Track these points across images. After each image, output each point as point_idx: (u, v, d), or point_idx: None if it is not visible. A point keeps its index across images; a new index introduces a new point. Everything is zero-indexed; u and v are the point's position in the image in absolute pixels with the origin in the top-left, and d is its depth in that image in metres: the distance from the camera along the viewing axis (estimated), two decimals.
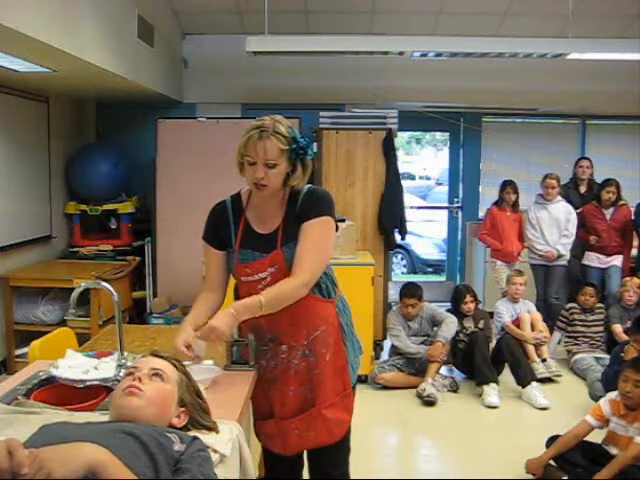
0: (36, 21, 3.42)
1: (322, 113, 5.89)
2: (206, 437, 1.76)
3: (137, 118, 6.62)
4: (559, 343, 5.57)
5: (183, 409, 1.80)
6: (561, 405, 4.60)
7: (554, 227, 5.84)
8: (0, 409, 1.98)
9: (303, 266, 2.22)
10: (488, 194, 7.06)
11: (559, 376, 5.09)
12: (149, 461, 1.48)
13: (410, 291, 5.05)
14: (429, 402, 4.59)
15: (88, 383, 2.18)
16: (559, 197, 5.91)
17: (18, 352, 5.11)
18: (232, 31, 6.35)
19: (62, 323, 4.97)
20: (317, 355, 2.35)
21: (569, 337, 5.45)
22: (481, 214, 6.99)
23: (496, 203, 6.11)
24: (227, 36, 6.44)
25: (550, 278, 5.94)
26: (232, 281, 2.48)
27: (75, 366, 2.36)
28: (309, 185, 2.36)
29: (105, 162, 6.10)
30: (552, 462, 3.45)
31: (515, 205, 6.03)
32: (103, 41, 4.47)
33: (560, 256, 5.82)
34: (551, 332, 5.48)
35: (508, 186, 6.01)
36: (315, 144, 5.62)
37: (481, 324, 5.20)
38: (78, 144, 6.42)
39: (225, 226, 2.37)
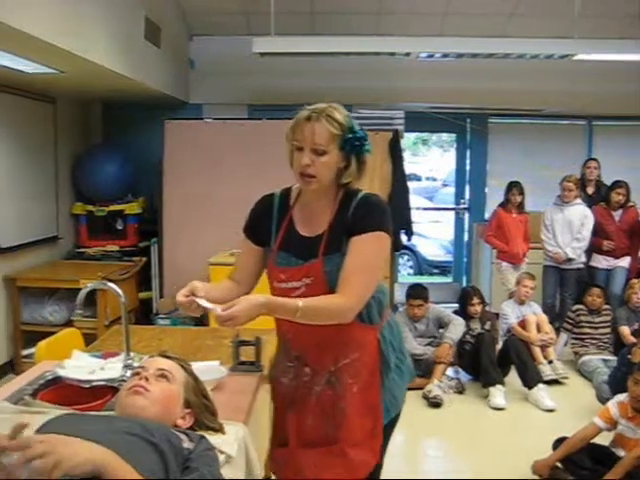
0: (43, 22, 3.43)
1: None
2: (212, 438, 1.76)
3: (143, 119, 6.62)
4: (566, 345, 5.55)
5: (188, 411, 1.81)
6: (568, 407, 4.58)
7: (566, 230, 5.82)
8: (7, 409, 1.98)
9: (349, 288, 1.94)
10: (495, 195, 7.04)
11: (566, 378, 5.07)
12: (159, 459, 1.48)
13: (416, 292, 5.05)
14: (435, 403, 4.58)
15: (94, 383, 2.18)
16: (578, 200, 5.88)
17: (25, 352, 5.12)
18: (238, 32, 6.36)
19: (68, 323, 4.97)
20: (343, 385, 2.08)
21: (576, 339, 5.43)
22: (488, 215, 6.97)
23: (502, 204, 6.10)
24: (233, 37, 6.45)
25: (564, 281, 5.93)
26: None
27: (81, 366, 2.36)
28: (365, 191, 2.09)
29: (111, 163, 6.13)
30: (559, 464, 3.44)
31: (521, 206, 6.01)
32: (110, 42, 4.48)
33: (570, 259, 5.81)
34: (558, 334, 5.47)
35: (514, 187, 6.00)
36: None
37: (487, 326, 5.19)
38: (85, 145, 6.45)
39: (267, 221, 2.14)
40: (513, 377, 4.90)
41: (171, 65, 6.13)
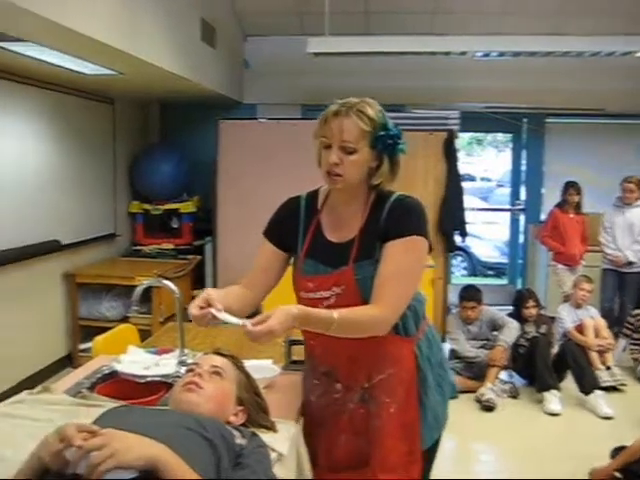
0: (104, 25, 3.51)
1: None
2: (265, 436, 1.76)
3: (199, 119, 6.70)
4: (624, 350, 5.40)
5: (241, 408, 1.82)
6: (626, 415, 4.45)
7: (627, 232, 5.70)
8: (66, 401, 2.04)
9: (384, 299, 1.79)
10: (551, 196, 6.90)
11: (624, 385, 4.94)
12: (212, 454, 1.50)
13: (469, 294, 4.99)
14: (488, 407, 4.52)
15: (149, 379, 2.22)
16: (639, 202, 5.73)
17: (82, 346, 5.25)
18: (293, 32, 6.39)
19: (124, 319, 5.07)
20: (379, 404, 1.94)
21: (635, 344, 5.28)
22: (544, 217, 6.84)
23: (559, 204, 5.98)
24: (288, 37, 6.47)
25: (624, 285, 5.79)
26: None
27: (137, 362, 2.40)
28: (400, 193, 1.92)
29: (168, 162, 6.24)
30: (617, 473, 3.35)
31: (578, 207, 5.88)
32: (167, 44, 4.56)
33: (630, 263, 5.66)
34: (616, 339, 5.33)
35: (571, 187, 5.88)
36: None
37: (543, 329, 5.08)
38: (142, 145, 6.58)
39: (293, 225, 2.00)
40: (569, 382, 4.79)
41: (226, 65, 6.19)
